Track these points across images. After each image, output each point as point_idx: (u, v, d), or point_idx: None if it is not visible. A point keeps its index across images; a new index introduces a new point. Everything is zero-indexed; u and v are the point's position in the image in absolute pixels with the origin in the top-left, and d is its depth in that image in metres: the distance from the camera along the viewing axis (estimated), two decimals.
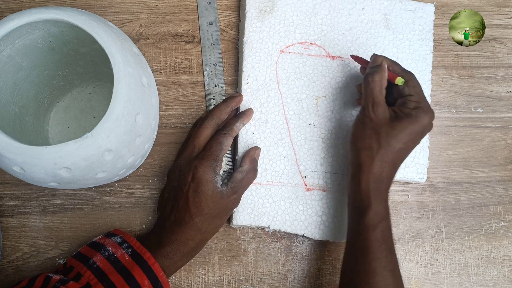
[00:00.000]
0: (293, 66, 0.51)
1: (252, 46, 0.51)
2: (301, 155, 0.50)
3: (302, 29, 0.52)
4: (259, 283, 0.50)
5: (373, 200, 0.42)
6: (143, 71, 0.40)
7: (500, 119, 0.55)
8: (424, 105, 0.44)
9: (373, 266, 0.41)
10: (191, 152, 0.46)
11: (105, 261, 0.41)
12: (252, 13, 0.52)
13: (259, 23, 0.52)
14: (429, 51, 0.53)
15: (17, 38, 0.39)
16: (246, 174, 0.46)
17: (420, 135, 0.44)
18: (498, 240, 0.53)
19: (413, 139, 0.43)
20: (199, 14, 0.53)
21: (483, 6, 0.57)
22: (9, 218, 0.49)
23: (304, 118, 0.51)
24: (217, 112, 0.48)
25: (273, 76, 0.51)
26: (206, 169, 0.44)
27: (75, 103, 0.51)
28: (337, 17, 0.52)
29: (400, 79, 0.44)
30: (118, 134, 0.36)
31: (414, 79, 0.45)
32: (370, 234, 0.41)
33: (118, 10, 0.53)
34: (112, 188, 0.50)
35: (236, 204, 0.46)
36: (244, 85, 0.51)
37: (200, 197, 0.43)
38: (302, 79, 0.51)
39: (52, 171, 0.36)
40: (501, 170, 0.54)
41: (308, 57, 0.51)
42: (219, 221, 0.45)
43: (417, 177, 0.51)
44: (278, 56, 0.51)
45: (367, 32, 0.52)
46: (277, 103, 0.51)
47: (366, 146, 0.43)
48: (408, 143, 0.43)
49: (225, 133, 0.46)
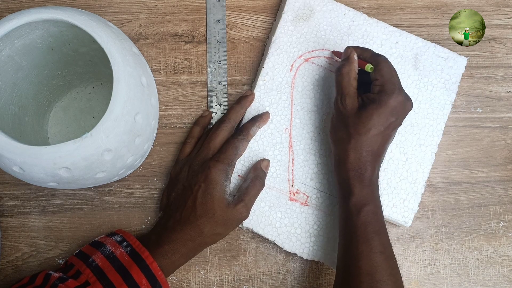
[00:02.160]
0: (312, 77, 0.51)
1: (279, 47, 0.51)
2: (295, 164, 0.50)
3: (331, 44, 0.52)
4: (259, 283, 0.50)
5: (354, 187, 0.43)
6: (142, 71, 0.40)
7: (500, 119, 0.55)
8: (388, 87, 0.43)
9: (360, 249, 0.42)
10: (206, 154, 0.46)
11: (104, 260, 0.41)
12: (289, 15, 0.52)
13: (292, 27, 0.52)
14: (449, 102, 0.52)
15: (16, 38, 0.39)
16: (251, 183, 0.46)
17: (391, 116, 0.43)
18: (498, 240, 0.53)
19: (384, 123, 0.43)
20: (207, 11, 0.53)
21: (482, 6, 0.57)
22: (8, 218, 0.49)
23: (308, 129, 0.50)
24: (233, 115, 0.48)
25: (290, 80, 0.51)
26: (218, 172, 0.44)
27: (75, 103, 0.51)
28: (369, 43, 0.52)
29: (369, 66, 0.44)
30: (117, 134, 0.36)
31: (382, 62, 0.44)
32: (354, 219, 0.43)
33: (118, 10, 0.53)
34: (112, 188, 0.50)
35: (245, 215, 0.45)
36: (260, 81, 0.51)
37: (207, 199, 0.43)
38: (318, 92, 0.51)
39: (51, 171, 0.36)
40: (501, 170, 0.54)
41: (330, 73, 0.51)
42: (222, 229, 0.45)
43: (401, 220, 0.50)
44: (300, 63, 0.51)
45: (394, 66, 0.51)
46: (286, 108, 0.51)
47: (339, 138, 0.45)
48: (379, 128, 0.43)
49: (241, 138, 0.47)
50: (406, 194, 0.50)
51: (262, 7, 0.55)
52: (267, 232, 0.49)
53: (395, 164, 0.50)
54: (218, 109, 0.52)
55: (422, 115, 0.51)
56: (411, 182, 0.50)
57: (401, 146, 0.50)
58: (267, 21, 0.54)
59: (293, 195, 0.50)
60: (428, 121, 0.51)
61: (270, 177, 0.50)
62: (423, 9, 0.56)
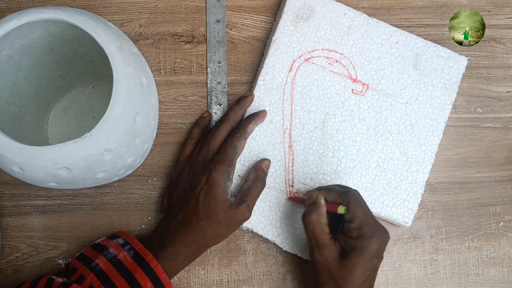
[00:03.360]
0: (312, 78, 0.51)
1: (279, 47, 0.51)
2: (294, 165, 0.50)
3: (331, 44, 0.52)
4: (259, 283, 0.50)
5: None
6: (142, 71, 0.40)
7: (500, 119, 0.55)
8: (366, 231, 0.41)
9: None
10: (206, 155, 0.46)
11: (107, 264, 0.41)
12: (289, 15, 0.52)
13: (292, 27, 0.52)
14: (449, 101, 0.52)
15: (16, 38, 0.39)
16: (252, 183, 0.46)
17: (374, 258, 0.41)
18: (498, 240, 0.53)
19: (369, 267, 0.41)
20: (207, 11, 0.53)
21: (482, 6, 0.57)
22: (8, 218, 0.49)
23: (308, 129, 0.50)
24: (232, 115, 0.48)
25: (290, 80, 0.51)
26: (220, 173, 0.44)
27: (75, 103, 0.51)
28: (369, 43, 0.52)
29: (342, 208, 0.42)
30: (117, 134, 0.36)
31: (353, 201, 0.42)
32: None
33: (118, 10, 0.53)
34: (112, 188, 0.50)
35: (247, 216, 0.45)
36: (260, 81, 0.51)
37: (209, 201, 0.43)
38: (317, 92, 0.51)
39: (51, 171, 0.36)
40: (501, 170, 0.54)
41: (329, 73, 0.51)
42: (224, 231, 0.45)
43: (401, 220, 0.50)
44: (301, 63, 0.51)
45: (394, 66, 0.51)
46: (286, 108, 0.51)
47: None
48: (366, 273, 0.41)
49: (239, 136, 0.47)
50: (406, 194, 0.50)
51: (262, 7, 0.55)
52: (267, 232, 0.49)
53: (395, 164, 0.50)
54: (218, 109, 0.52)
55: (423, 115, 0.51)
56: (411, 182, 0.50)
57: (401, 146, 0.50)
58: (267, 21, 0.54)
59: (292, 195, 0.50)
60: (428, 121, 0.51)
61: (270, 177, 0.50)
62: (423, 9, 0.56)
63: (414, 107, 0.51)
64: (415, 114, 0.51)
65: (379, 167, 0.50)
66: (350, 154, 0.50)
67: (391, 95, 0.51)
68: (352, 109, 0.51)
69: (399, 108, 0.51)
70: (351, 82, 0.51)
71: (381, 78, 0.51)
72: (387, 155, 0.50)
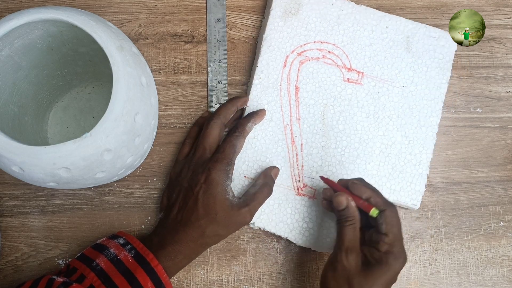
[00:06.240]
0: (307, 71, 0.51)
1: (271, 44, 0.51)
2: (299, 160, 0.50)
3: (322, 36, 0.52)
4: (259, 283, 0.50)
5: None
6: (142, 71, 0.40)
7: (500, 119, 0.55)
8: (396, 250, 0.41)
9: None
10: (203, 153, 0.46)
11: (108, 263, 0.41)
12: (277, 11, 0.52)
13: (281, 23, 0.52)
14: (445, 80, 0.52)
15: (16, 38, 0.39)
16: (259, 189, 0.46)
17: (394, 278, 0.41)
18: (497, 240, 0.53)
19: (387, 284, 0.41)
20: (208, 10, 0.53)
21: (482, 6, 0.57)
22: (8, 218, 0.49)
23: (309, 123, 0.51)
24: (223, 111, 0.48)
25: (285, 76, 0.51)
26: (219, 172, 0.44)
27: (74, 103, 0.51)
28: (359, 31, 0.52)
29: (375, 211, 0.41)
30: (117, 134, 0.36)
31: (393, 214, 0.42)
32: None
33: (117, 10, 0.53)
34: (111, 188, 0.50)
35: (248, 219, 0.45)
36: (256, 80, 0.51)
37: (208, 200, 0.43)
38: (314, 85, 0.51)
39: (51, 171, 0.36)
40: (500, 170, 0.54)
41: (324, 65, 0.51)
42: (223, 231, 0.44)
43: (410, 203, 0.50)
44: (294, 58, 0.51)
45: (387, 51, 0.52)
46: (285, 104, 0.51)
47: None
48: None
49: (237, 135, 0.47)
50: (412, 176, 0.50)
51: (262, 7, 0.55)
52: (279, 229, 0.49)
53: (398, 148, 0.50)
54: None
55: (420, 96, 0.51)
56: (415, 165, 0.50)
57: (402, 130, 0.51)
58: None
59: (300, 190, 0.50)
60: (426, 102, 0.51)
61: None
62: (423, 9, 0.56)
63: (411, 90, 0.51)
64: (412, 97, 0.51)
65: (383, 153, 0.50)
66: (352, 143, 0.50)
67: (386, 80, 0.51)
68: (350, 98, 0.51)
69: (396, 92, 0.51)
70: (346, 71, 0.51)
71: (375, 65, 0.52)
72: (389, 140, 0.50)
